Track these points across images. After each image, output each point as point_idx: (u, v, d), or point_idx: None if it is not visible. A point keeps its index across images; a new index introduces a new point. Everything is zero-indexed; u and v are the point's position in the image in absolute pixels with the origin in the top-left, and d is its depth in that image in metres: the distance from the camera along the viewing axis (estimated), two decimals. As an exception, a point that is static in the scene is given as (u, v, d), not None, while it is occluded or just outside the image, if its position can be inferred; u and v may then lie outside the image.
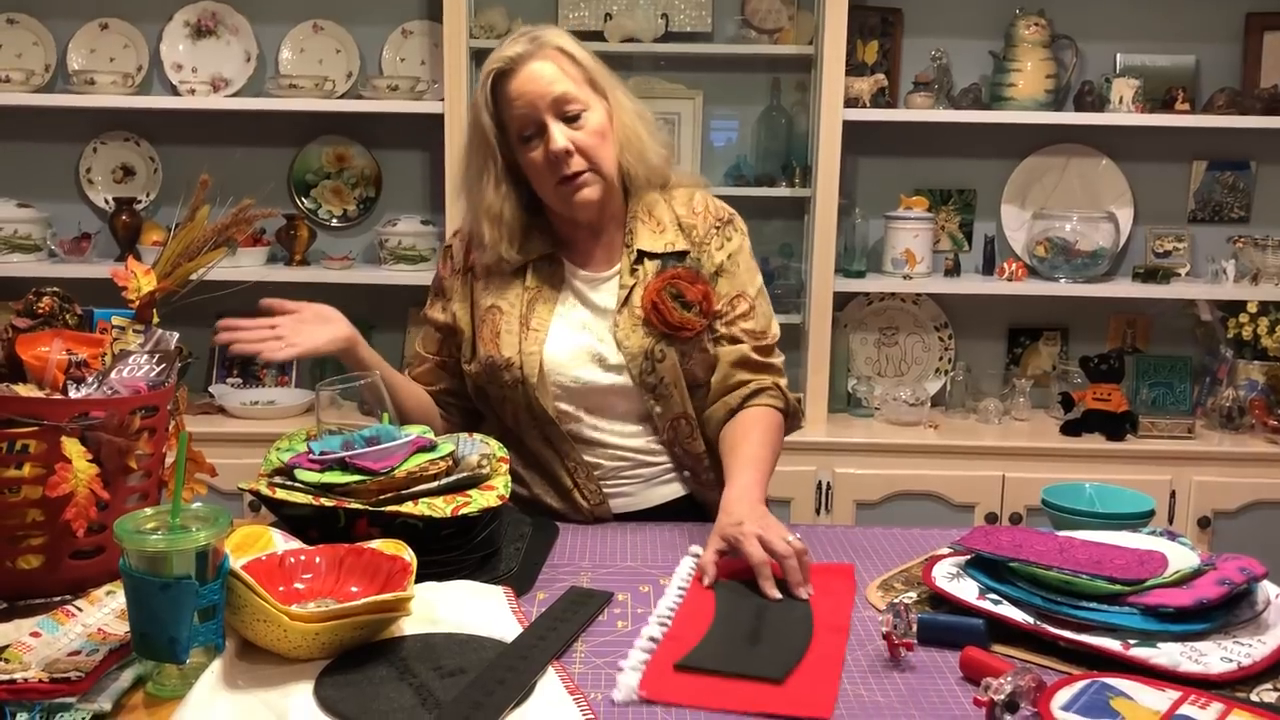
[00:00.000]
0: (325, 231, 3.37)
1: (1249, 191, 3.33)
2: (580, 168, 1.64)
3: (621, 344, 1.69)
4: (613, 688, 1.13)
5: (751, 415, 1.70)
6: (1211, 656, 1.14)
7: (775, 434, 1.70)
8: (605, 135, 1.66)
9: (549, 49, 1.64)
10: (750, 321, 1.75)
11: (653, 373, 1.69)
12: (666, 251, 1.73)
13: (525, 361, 1.69)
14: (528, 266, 1.74)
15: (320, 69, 3.26)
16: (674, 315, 1.68)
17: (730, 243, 1.77)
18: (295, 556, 1.26)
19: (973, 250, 3.35)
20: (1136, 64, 3.24)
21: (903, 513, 2.96)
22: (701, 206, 1.78)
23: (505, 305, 1.73)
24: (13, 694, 1.03)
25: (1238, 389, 3.15)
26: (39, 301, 1.42)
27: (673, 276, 1.70)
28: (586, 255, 1.76)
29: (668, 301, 1.68)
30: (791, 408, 1.75)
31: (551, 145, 1.62)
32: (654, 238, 1.73)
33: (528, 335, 1.70)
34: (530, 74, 1.63)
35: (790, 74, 3.25)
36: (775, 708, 1.10)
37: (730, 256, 1.76)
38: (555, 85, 1.62)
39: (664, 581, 1.42)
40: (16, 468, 1.25)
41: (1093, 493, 1.61)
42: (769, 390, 1.72)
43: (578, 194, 1.66)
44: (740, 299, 1.75)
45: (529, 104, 1.63)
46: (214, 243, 1.52)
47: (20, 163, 3.32)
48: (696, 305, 1.69)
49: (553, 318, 1.72)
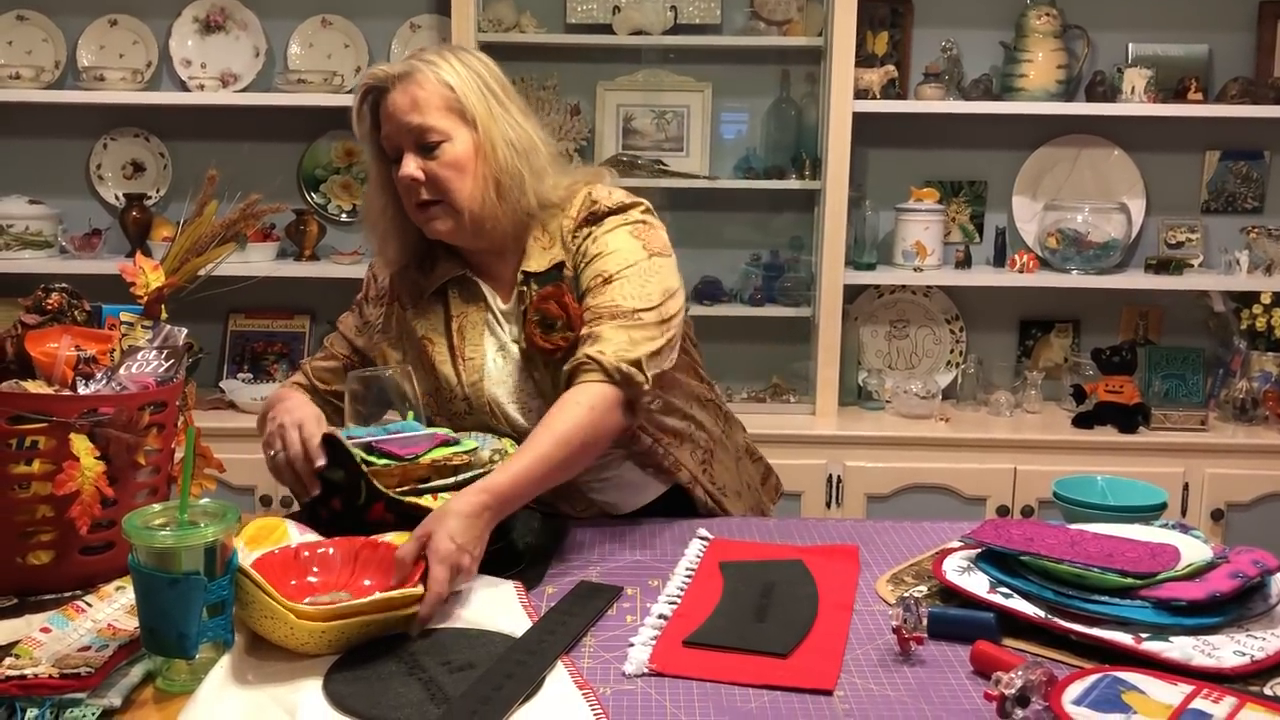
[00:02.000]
0: (334, 226, 3.37)
1: (1262, 182, 3.31)
2: (428, 198, 1.58)
3: (534, 374, 1.64)
4: (622, 678, 1.13)
5: (566, 396, 1.51)
6: (1224, 650, 1.13)
7: (570, 413, 1.48)
8: (462, 168, 1.57)
9: (419, 75, 1.57)
10: (598, 297, 1.57)
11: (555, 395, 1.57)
12: (549, 268, 1.63)
13: (471, 394, 1.64)
14: (446, 291, 1.69)
15: (329, 64, 3.26)
16: (539, 341, 1.59)
17: (600, 228, 1.63)
18: (310, 550, 1.26)
19: (984, 242, 3.34)
20: (1148, 54, 3.22)
21: (914, 506, 2.95)
22: (576, 208, 1.65)
23: (435, 335, 1.68)
24: (23, 689, 1.03)
25: (1251, 381, 3.13)
26: (48, 298, 1.42)
27: (539, 300, 1.60)
28: (496, 279, 1.68)
29: (534, 329, 1.60)
30: (615, 373, 1.50)
31: (399, 172, 1.58)
32: (541, 255, 1.64)
33: (465, 365, 1.65)
34: (393, 100, 1.58)
35: (800, 66, 3.24)
36: (780, 680, 1.13)
37: (595, 240, 1.62)
38: (414, 115, 1.56)
39: (673, 575, 1.42)
40: (26, 464, 1.25)
41: (1104, 485, 1.60)
42: (582, 365, 1.52)
43: (429, 224, 1.60)
44: (596, 279, 1.59)
45: (391, 128, 1.59)
46: (222, 238, 1.52)
47: (31, 159, 3.33)
48: (559, 321, 1.59)
49: (484, 345, 1.66)
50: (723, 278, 3.27)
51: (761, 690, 1.11)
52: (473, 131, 1.58)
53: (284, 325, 3.36)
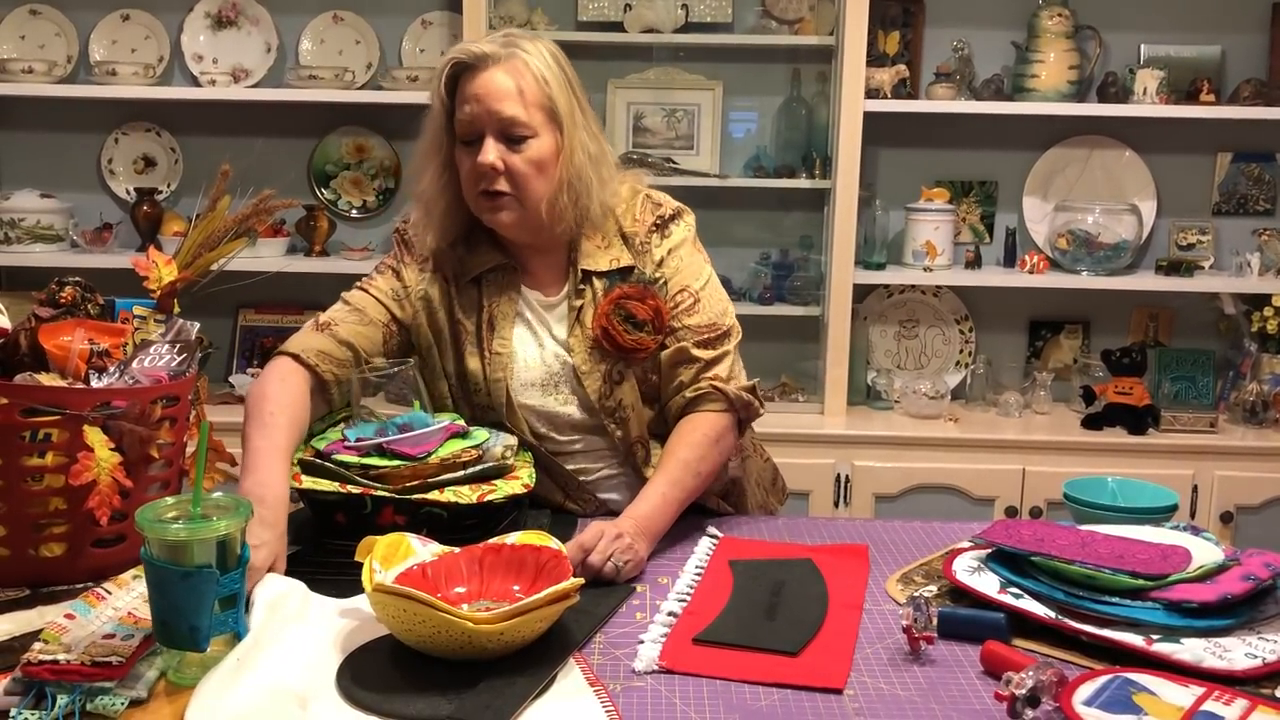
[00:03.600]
0: (345, 222, 3.38)
1: (1274, 184, 3.30)
2: (503, 189, 1.56)
3: (579, 369, 1.63)
4: (632, 675, 1.14)
5: (690, 423, 1.61)
6: (1235, 652, 1.13)
7: (705, 443, 1.58)
8: (542, 168, 1.56)
9: (518, 61, 1.55)
10: (695, 316, 1.64)
11: (610, 396, 1.62)
12: (612, 269, 1.64)
13: (492, 389, 1.63)
14: (481, 280, 1.66)
15: (340, 60, 3.27)
16: (625, 338, 1.60)
17: (669, 239, 1.67)
18: (432, 567, 1.24)
19: (994, 242, 3.33)
20: (1161, 55, 3.21)
21: (922, 506, 2.94)
22: (639, 211, 1.68)
23: (468, 322, 1.65)
24: (56, 675, 1.04)
25: (1261, 383, 3.12)
26: (61, 291, 1.42)
27: (620, 297, 1.61)
28: (536, 276, 1.68)
29: (616, 325, 1.60)
30: (739, 401, 1.62)
31: (480, 157, 1.54)
32: (599, 255, 1.65)
33: (491, 360, 1.63)
34: (488, 81, 1.54)
35: (811, 65, 3.23)
36: (790, 679, 1.13)
37: (671, 251, 1.66)
38: (507, 106, 1.53)
39: (682, 572, 1.42)
40: (39, 456, 1.26)
41: (1115, 487, 1.60)
42: (706, 395, 1.62)
43: (493, 214, 1.58)
44: (683, 294, 1.65)
45: (476, 110, 1.54)
46: (234, 233, 1.53)
47: (43, 153, 3.34)
48: (649, 323, 1.61)
49: (513, 339, 1.65)
50: (732, 276, 3.27)
51: (771, 688, 1.12)
52: (556, 133, 1.58)
53: (294, 320, 3.36)
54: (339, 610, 1.25)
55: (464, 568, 1.26)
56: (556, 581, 1.16)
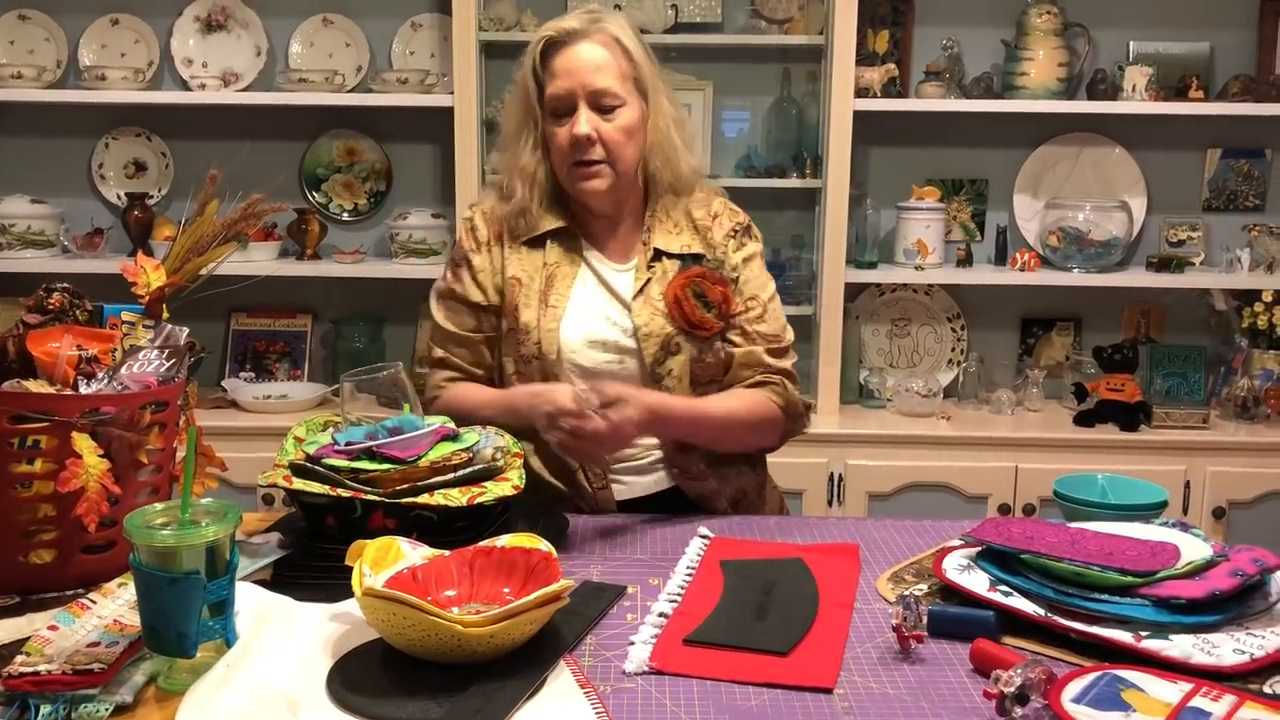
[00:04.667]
0: (336, 226, 3.37)
1: (1264, 179, 3.30)
2: (598, 157, 1.66)
3: (640, 329, 1.70)
4: (623, 677, 1.14)
5: (747, 389, 1.73)
6: (1224, 648, 1.13)
7: (751, 410, 1.71)
8: (633, 134, 1.67)
9: (605, 35, 1.66)
10: (764, 325, 1.76)
11: (663, 364, 1.70)
12: (683, 253, 1.74)
13: (544, 338, 1.70)
14: (546, 240, 1.75)
15: (330, 63, 3.26)
16: (695, 313, 1.70)
17: (745, 249, 1.79)
18: (422, 570, 1.24)
19: (985, 240, 3.34)
20: (1150, 51, 3.22)
21: (915, 504, 2.95)
22: (718, 211, 1.79)
23: (525, 278, 1.73)
24: (37, 686, 1.04)
25: (1253, 378, 3.13)
26: (49, 297, 1.42)
27: (698, 275, 1.72)
28: (603, 243, 1.77)
29: (690, 299, 1.70)
30: (792, 407, 1.74)
31: (575, 128, 1.64)
32: (670, 238, 1.75)
33: (546, 311, 1.71)
34: (579, 54, 1.65)
35: (801, 64, 3.24)
36: (780, 678, 1.13)
37: (745, 261, 1.78)
38: (598, 76, 1.64)
39: (673, 573, 1.42)
40: (28, 463, 1.25)
41: (1105, 484, 1.60)
42: (773, 385, 1.74)
43: (587, 181, 1.68)
44: (754, 302, 1.77)
45: (569, 84, 1.64)
46: (224, 237, 1.52)
47: (33, 159, 3.33)
48: (717, 306, 1.71)
49: (570, 295, 1.72)
50: (724, 276, 3.27)
51: (762, 688, 1.12)
52: (642, 101, 1.69)
53: (286, 324, 3.37)
54: (329, 614, 1.25)
55: (454, 571, 1.26)
56: (546, 584, 1.16)
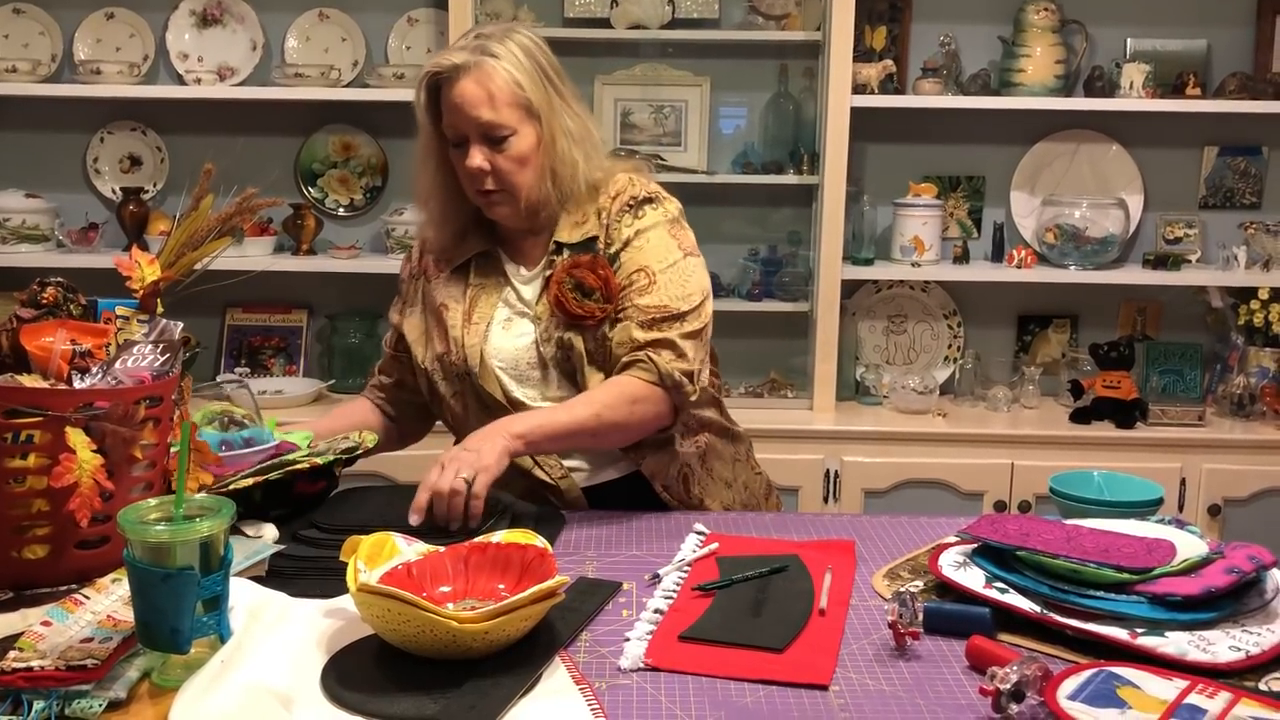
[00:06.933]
0: (332, 220, 3.36)
1: (1261, 177, 3.30)
2: (492, 187, 1.67)
3: (539, 336, 1.71)
4: (618, 673, 1.13)
5: (613, 380, 1.65)
6: (1219, 645, 1.13)
7: (620, 398, 1.62)
8: (526, 162, 1.67)
9: (489, 65, 1.63)
10: (646, 296, 1.67)
11: (567, 361, 1.70)
12: (580, 240, 1.72)
13: (468, 353, 1.72)
14: (470, 264, 1.78)
15: (326, 58, 3.26)
16: (575, 307, 1.67)
17: (641, 220, 1.72)
18: (417, 566, 1.24)
19: (982, 237, 3.33)
20: (1147, 48, 3.21)
21: (911, 501, 2.95)
22: (621, 189, 1.74)
23: (452, 302, 1.77)
24: (30, 682, 1.03)
25: (1249, 376, 3.13)
26: (43, 292, 1.42)
27: (572, 266, 1.69)
28: (523, 253, 1.78)
29: (566, 292, 1.67)
30: (667, 379, 1.63)
31: (467, 162, 1.65)
32: (573, 229, 1.73)
33: (469, 328, 1.74)
34: (461, 92, 1.64)
35: (798, 60, 3.23)
36: (776, 675, 1.13)
37: (639, 232, 1.71)
38: (482, 111, 1.63)
39: (670, 569, 1.42)
40: (21, 458, 1.25)
41: (1101, 481, 1.60)
42: (640, 363, 1.64)
43: (492, 209, 1.71)
44: (640, 273, 1.69)
45: (456, 119, 1.65)
46: (219, 232, 1.52)
47: (28, 153, 3.32)
48: (597, 291, 1.67)
49: (493, 310, 1.75)
50: (721, 273, 3.26)
51: (757, 685, 1.12)
52: (536, 125, 1.67)
53: (281, 319, 3.36)
54: (323, 610, 1.25)
55: (449, 567, 1.26)
56: (542, 580, 1.16)
